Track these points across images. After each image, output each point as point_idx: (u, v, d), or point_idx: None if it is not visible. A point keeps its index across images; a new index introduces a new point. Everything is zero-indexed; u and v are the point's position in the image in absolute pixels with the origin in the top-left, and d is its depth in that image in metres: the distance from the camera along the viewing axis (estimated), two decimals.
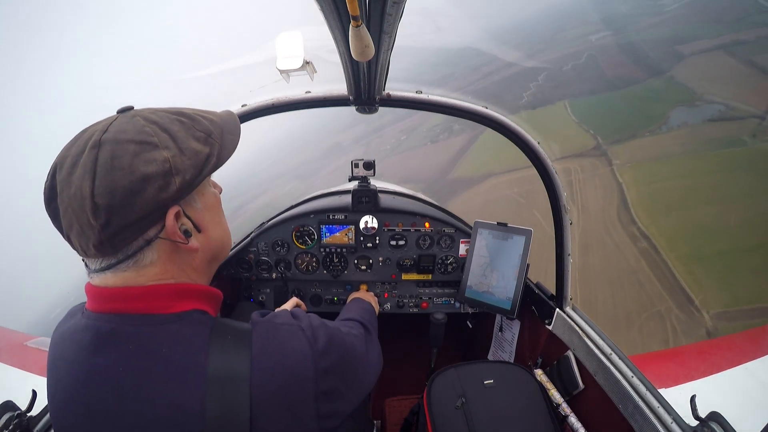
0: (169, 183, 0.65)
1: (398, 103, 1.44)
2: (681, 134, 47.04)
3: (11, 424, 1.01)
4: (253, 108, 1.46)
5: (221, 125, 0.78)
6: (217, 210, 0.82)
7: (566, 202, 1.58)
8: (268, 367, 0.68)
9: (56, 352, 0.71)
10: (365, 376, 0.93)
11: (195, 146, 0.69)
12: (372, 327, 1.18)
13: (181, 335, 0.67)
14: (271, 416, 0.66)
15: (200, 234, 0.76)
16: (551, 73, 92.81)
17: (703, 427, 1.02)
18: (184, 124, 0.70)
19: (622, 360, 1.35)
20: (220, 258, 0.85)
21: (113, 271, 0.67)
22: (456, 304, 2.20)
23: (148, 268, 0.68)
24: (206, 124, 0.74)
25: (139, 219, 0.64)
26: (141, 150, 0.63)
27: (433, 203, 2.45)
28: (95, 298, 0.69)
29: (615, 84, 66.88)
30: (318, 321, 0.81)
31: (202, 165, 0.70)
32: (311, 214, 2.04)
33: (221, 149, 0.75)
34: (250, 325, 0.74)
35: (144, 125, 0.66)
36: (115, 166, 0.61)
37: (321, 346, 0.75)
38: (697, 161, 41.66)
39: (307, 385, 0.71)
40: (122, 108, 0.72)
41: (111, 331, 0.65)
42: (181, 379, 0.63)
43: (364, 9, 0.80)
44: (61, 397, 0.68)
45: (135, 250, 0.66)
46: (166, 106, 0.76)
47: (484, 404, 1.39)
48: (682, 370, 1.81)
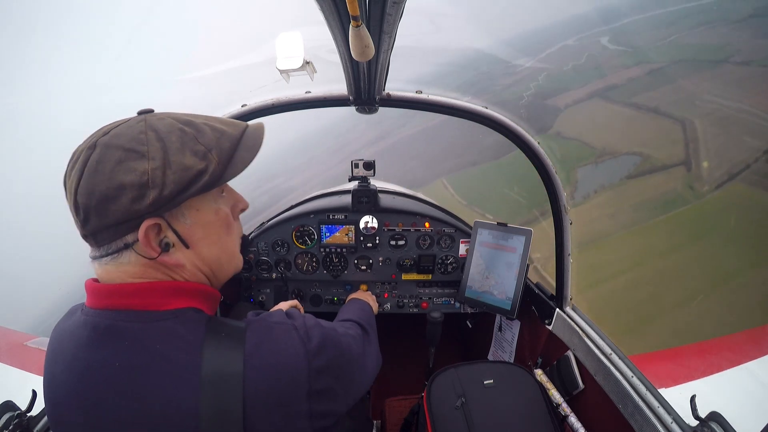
0: (144, 195, 0.64)
1: (398, 103, 1.44)
2: (603, 201, 33.95)
3: (11, 424, 1.01)
4: (253, 108, 1.46)
5: (235, 140, 0.75)
6: (215, 228, 0.77)
7: (566, 202, 1.58)
8: (261, 365, 0.68)
9: (55, 348, 0.72)
10: (361, 377, 0.93)
11: (187, 161, 0.67)
12: (370, 327, 1.17)
13: (176, 332, 0.67)
14: (264, 414, 0.66)
15: (188, 250, 0.73)
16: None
17: (703, 427, 1.02)
18: (186, 135, 0.69)
19: (622, 360, 1.35)
20: (220, 276, 0.83)
21: (98, 262, 0.70)
22: (456, 304, 2.20)
23: (125, 266, 0.69)
24: (210, 138, 0.71)
25: (115, 224, 0.65)
26: (126, 158, 0.63)
27: (433, 203, 2.45)
28: (93, 294, 0.70)
29: (497, 151, 47.06)
30: (312, 321, 0.81)
31: (190, 181, 0.67)
32: (311, 214, 2.04)
33: (223, 166, 0.71)
34: (244, 323, 0.74)
35: (141, 132, 0.66)
36: (98, 170, 0.63)
37: (314, 346, 0.75)
38: (640, 237, 29.10)
39: (300, 384, 0.71)
40: (142, 110, 0.73)
41: (108, 327, 0.66)
42: (175, 376, 0.64)
43: (364, 9, 0.80)
44: (58, 391, 0.69)
45: (114, 250, 0.68)
46: (186, 112, 0.75)
47: (484, 404, 1.39)
48: (682, 370, 1.81)
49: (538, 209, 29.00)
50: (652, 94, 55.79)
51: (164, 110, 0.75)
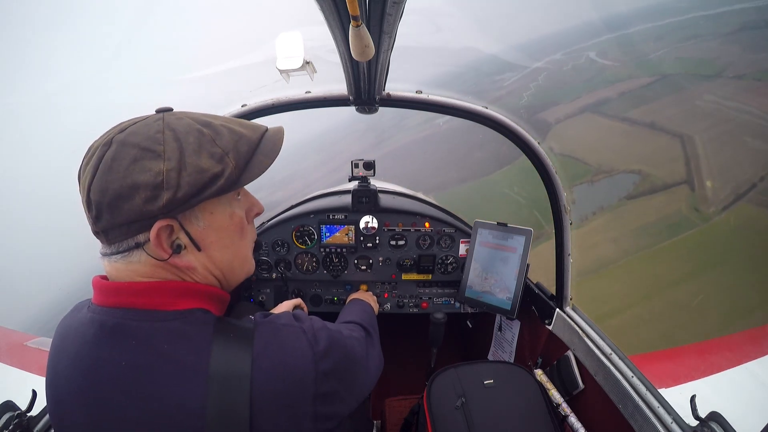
0: (158, 196, 0.63)
1: (398, 103, 1.44)
2: (603, 224, 30.30)
3: (11, 424, 1.01)
4: (253, 108, 1.46)
5: (254, 144, 0.74)
6: (228, 232, 0.77)
7: (566, 202, 1.58)
8: (269, 367, 0.68)
9: (59, 345, 0.71)
10: (365, 379, 0.93)
11: (203, 163, 0.66)
12: (372, 329, 1.18)
13: (184, 333, 0.67)
14: (270, 416, 0.66)
15: (200, 252, 0.73)
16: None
17: (703, 427, 1.02)
18: (204, 136, 0.68)
19: (622, 360, 1.35)
20: (231, 280, 0.82)
21: (108, 259, 0.69)
22: (456, 304, 2.20)
23: (135, 265, 0.69)
24: (228, 141, 0.70)
25: (127, 223, 0.64)
26: (141, 157, 0.63)
27: (433, 203, 2.45)
28: (101, 291, 0.70)
29: (485, 168, 44.68)
30: (320, 323, 0.81)
31: (204, 184, 0.67)
32: (311, 214, 2.04)
33: (239, 170, 0.71)
34: (252, 324, 0.74)
35: (159, 131, 0.65)
36: (112, 167, 0.63)
37: (322, 349, 0.75)
38: (646, 265, 25.53)
39: (307, 387, 0.70)
40: (160, 108, 0.72)
41: (115, 325, 0.66)
42: (182, 376, 0.64)
43: (364, 9, 0.80)
44: (61, 389, 0.68)
45: (125, 249, 0.68)
46: (206, 113, 0.74)
47: (484, 404, 1.39)
48: (682, 370, 1.81)
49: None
50: (646, 108, 53.31)
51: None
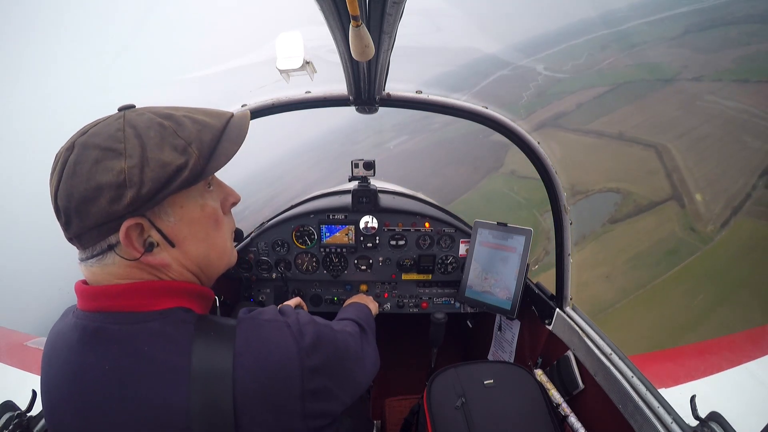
0: (122, 195, 0.62)
1: (398, 103, 1.44)
2: (589, 256, 25.18)
3: (11, 424, 1.01)
4: (252, 108, 1.46)
5: (218, 131, 0.72)
6: (202, 225, 0.75)
7: (566, 202, 1.58)
8: (251, 364, 0.67)
9: (49, 351, 0.72)
10: (359, 376, 0.91)
11: (166, 157, 0.64)
12: (368, 326, 1.16)
13: (164, 333, 0.66)
14: (255, 414, 0.65)
15: (175, 249, 0.72)
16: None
17: (703, 427, 1.02)
18: (166, 129, 0.66)
19: (622, 360, 1.35)
20: (210, 274, 0.81)
21: (85, 264, 0.69)
22: (456, 304, 2.20)
23: (110, 268, 0.68)
24: (191, 131, 0.69)
25: (96, 226, 0.64)
26: (103, 157, 0.62)
27: (433, 203, 2.45)
28: (82, 296, 0.70)
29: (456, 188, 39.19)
30: (306, 317, 0.78)
31: (169, 178, 0.65)
32: (311, 214, 2.04)
33: (204, 160, 0.69)
34: (235, 321, 0.72)
35: (119, 129, 0.64)
36: (76, 171, 0.62)
37: (308, 343, 0.73)
38: (651, 305, 20.19)
39: (293, 384, 0.69)
40: (123, 106, 0.71)
41: (96, 330, 0.65)
42: (165, 377, 0.63)
43: (364, 9, 0.80)
44: (53, 394, 0.69)
45: (99, 252, 0.67)
46: (167, 105, 0.73)
47: (484, 404, 1.39)
48: (682, 370, 1.82)
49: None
50: (608, 118, 48.38)
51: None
